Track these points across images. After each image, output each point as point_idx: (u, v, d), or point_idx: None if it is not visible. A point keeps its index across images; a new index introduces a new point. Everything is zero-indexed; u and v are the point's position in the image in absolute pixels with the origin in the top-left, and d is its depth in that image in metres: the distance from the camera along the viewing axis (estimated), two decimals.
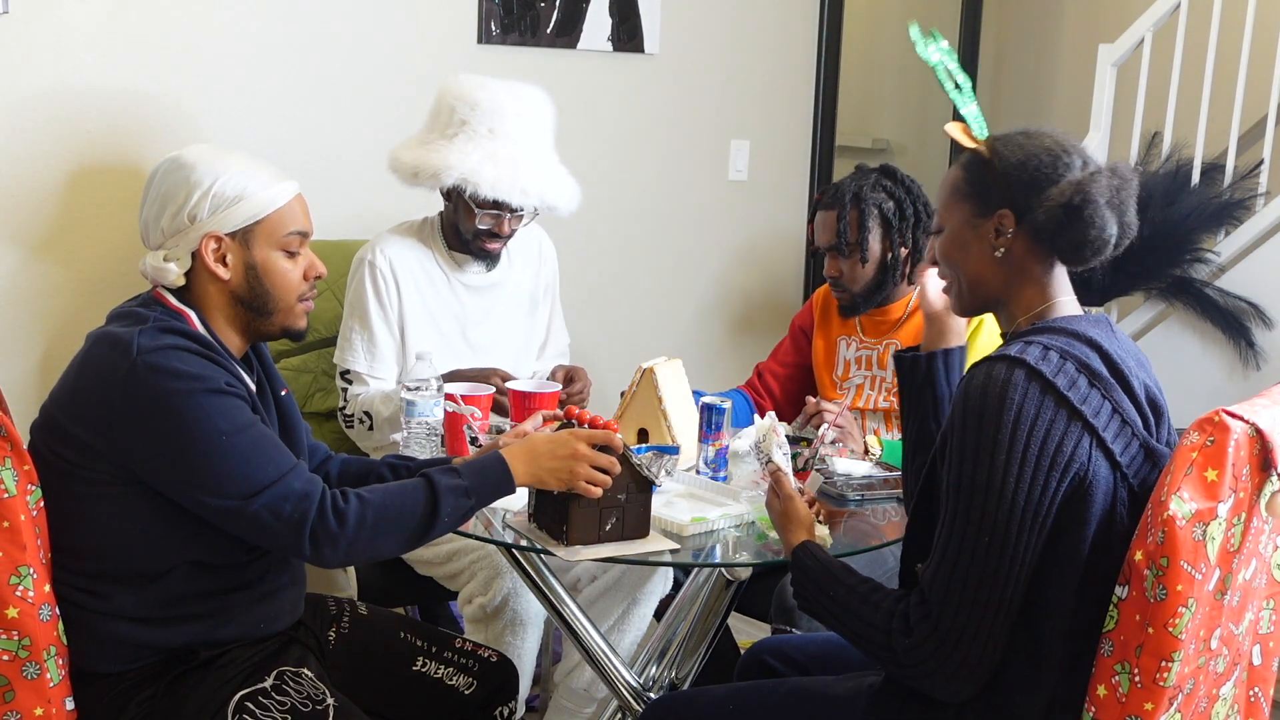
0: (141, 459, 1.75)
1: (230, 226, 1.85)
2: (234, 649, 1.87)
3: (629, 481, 1.98)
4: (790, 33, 3.99)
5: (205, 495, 1.74)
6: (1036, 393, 1.57)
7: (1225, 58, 3.86)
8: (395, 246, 2.71)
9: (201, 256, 1.85)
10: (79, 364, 1.82)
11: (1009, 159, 1.72)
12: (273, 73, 3.01)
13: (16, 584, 1.69)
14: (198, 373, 1.74)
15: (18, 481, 1.68)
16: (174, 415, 1.72)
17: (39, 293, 2.75)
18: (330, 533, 1.75)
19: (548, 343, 2.95)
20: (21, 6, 2.64)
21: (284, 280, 1.89)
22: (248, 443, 1.75)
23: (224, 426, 1.74)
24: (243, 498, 1.73)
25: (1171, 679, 1.51)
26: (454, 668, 2.11)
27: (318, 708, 1.84)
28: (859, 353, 2.77)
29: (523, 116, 2.65)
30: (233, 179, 1.85)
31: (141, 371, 1.72)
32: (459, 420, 2.29)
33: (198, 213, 1.83)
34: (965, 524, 1.58)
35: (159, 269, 1.85)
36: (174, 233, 1.85)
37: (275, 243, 1.88)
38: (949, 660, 1.59)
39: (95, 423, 1.76)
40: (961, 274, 1.78)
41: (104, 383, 1.75)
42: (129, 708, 1.81)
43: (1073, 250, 1.69)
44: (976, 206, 1.74)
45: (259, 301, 1.89)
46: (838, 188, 2.69)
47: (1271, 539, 1.65)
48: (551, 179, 2.67)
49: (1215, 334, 3.79)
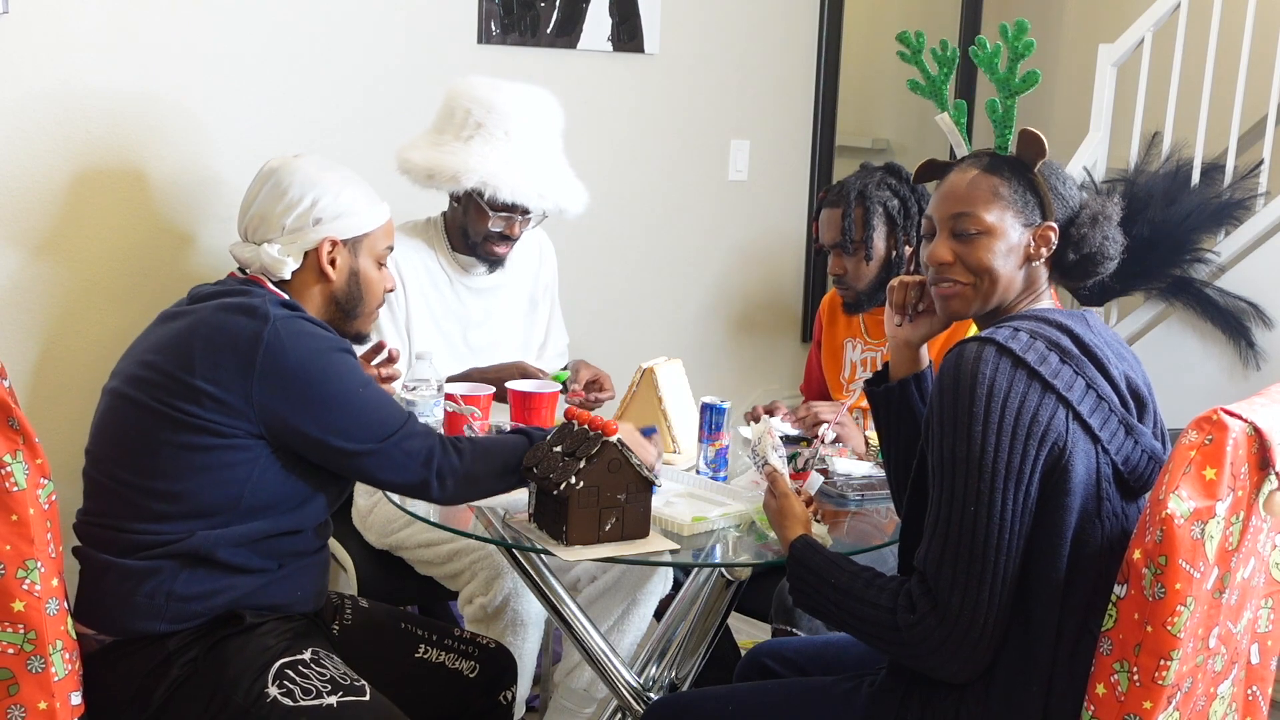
0: (284, 414, 1.89)
1: (347, 233, 2.06)
2: (270, 620, 1.95)
3: (629, 481, 1.98)
4: (790, 33, 4.00)
5: (345, 441, 1.91)
6: (1008, 367, 1.61)
7: (1225, 58, 3.86)
8: (401, 247, 2.70)
9: (317, 255, 2.04)
10: (206, 328, 1.90)
11: (1047, 171, 1.78)
12: (272, 72, 3.01)
13: (24, 577, 1.69)
14: (328, 334, 1.95)
15: (29, 475, 1.69)
16: (316, 372, 1.90)
17: (39, 292, 2.75)
18: (452, 465, 1.96)
19: (547, 343, 2.95)
20: (21, 6, 2.64)
21: (375, 289, 2.12)
22: (377, 393, 1.96)
23: (360, 379, 1.94)
24: (379, 440, 1.92)
25: (1170, 677, 1.51)
26: (456, 653, 2.18)
27: (354, 684, 1.92)
28: (864, 354, 2.78)
29: (536, 120, 2.65)
30: (353, 192, 2.07)
31: (283, 333, 1.89)
32: (459, 420, 2.29)
33: (323, 215, 2.03)
34: (951, 498, 1.62)
35: (275, 261, 2.02)
36: (295, 229, 2.03)
37: (375, 254, 2.11)
38: (951, 635, 1.60)
39: (232, 382, 1.87)
40: (995, 278, 1.78)
41: (243, 344, 1.88)
42: (172, 670, 1.88)
43: (1079, 268, 1.79)
44: (1027, 215, 1.78)
45: (352, 304, 2.10)
46: (842, 186, 2.69)
47: (1270, 537, 1.65)
48: (564, 182, 2.67)
49: (1215, 334, 3.79)
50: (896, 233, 2.65)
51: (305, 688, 1.88)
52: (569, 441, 2.02)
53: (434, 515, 2.17)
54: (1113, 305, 3.98)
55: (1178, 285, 3.80)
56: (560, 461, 1.98)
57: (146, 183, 2.83)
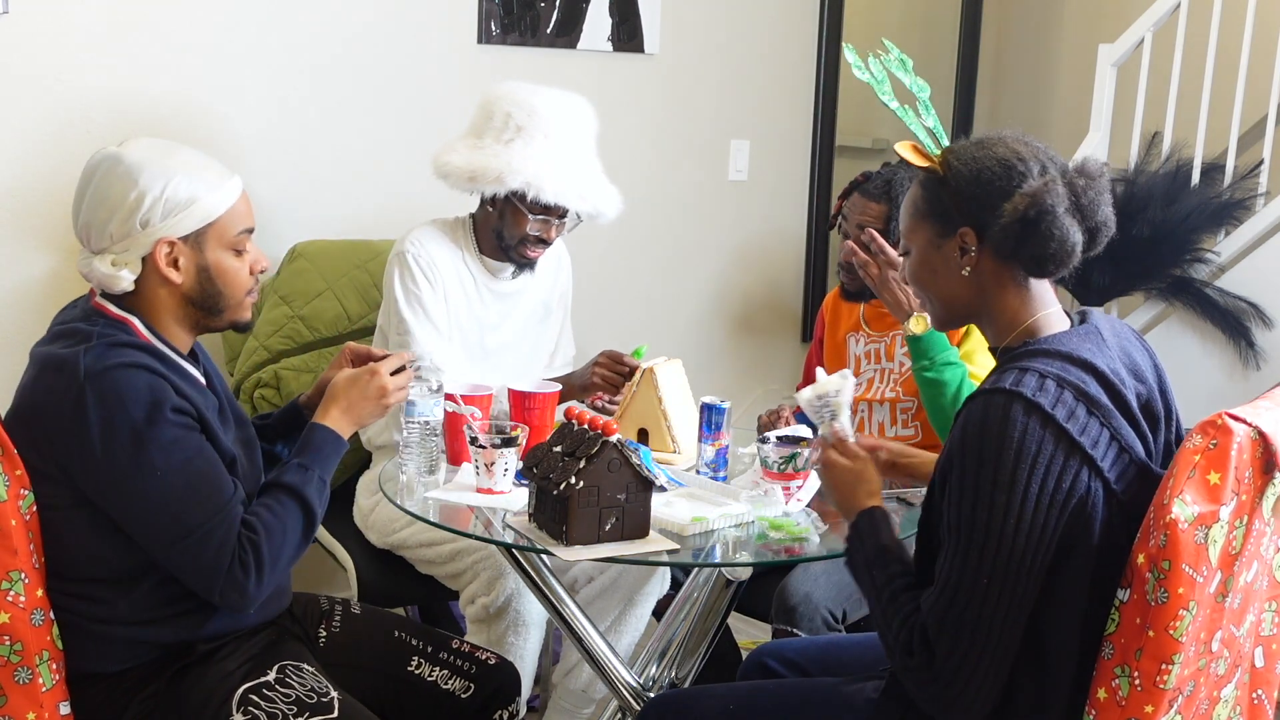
0: (83, 483, 1.74)
1: (183, 230, 1.82)
2: (229, 641, 1.87)
3: (629, 481, 1.98)
4: (790, 33, 3.99)
5: (132, 528, 1.76)
6: (1037, 427, 1.53)
7: (1225, 58, 3.86)
8: (433, 244, 2.68)
9: (154, 261, 1.81)
10: (28, 389, 1.79)
11: (963, 174, 1.67)
12: (272, 72, 3.01)
13: (8, 589, 1.68)
14: (145, 398, 1.73)
15: (9, 486, 1.68)
16: (115, 450, 1.71)
17: (39, 292, 2.75)
18: (237, 582, 1.77)
19: (556, 351, 2.94)
20: (21, 6, 2.64)
21: (235, 279, 1.88)
22: (180, 480, 1.75)
23: (159, 464, 1.73)
24: (164, 541, 1.75)
25: (1171, 681, 1.50)
26: (450, 670, 2.09)
27: (322, 700, 1.84)
28: (867, 347, 2.79)
29: (574, 124, 2.65)
30: (183, 181, 1.81)
31: (88, 398, 1.71)
32: (459, 420, 2.29)
33: (150, 218, 1.79)
34: (964, 564, 1.55)
35: (110, 276, 1.81)
36: (124, 237, 1.80)
37: (226, 243, 1.86)
38: (944, 693, 1.57)
39: (44, 448, 1.75)
40: (933, 296, 1.75)
41: (51, 409, 1.73)
42: (131, 706, 1.81)
43: (1036, 263, 1.66)
44: (938, 226, 1.70)
45: (210, 301, 1.87)
46: (889, 183, 2.68)
47: (1273, 541, 1.65)
48: (601, 186, 2.68)
49: (1215, 334, 3.79)
50: None
51: (270, 712, 1.80)
52: (569, 441, 2.01)
53: (435, 515, 2.17)
54: (1113, 305, 3.97)
55: (1178, 285, 3.80)
56: (560, 461, 1.98)
57: None
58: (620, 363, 2.61)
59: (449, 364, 2.61)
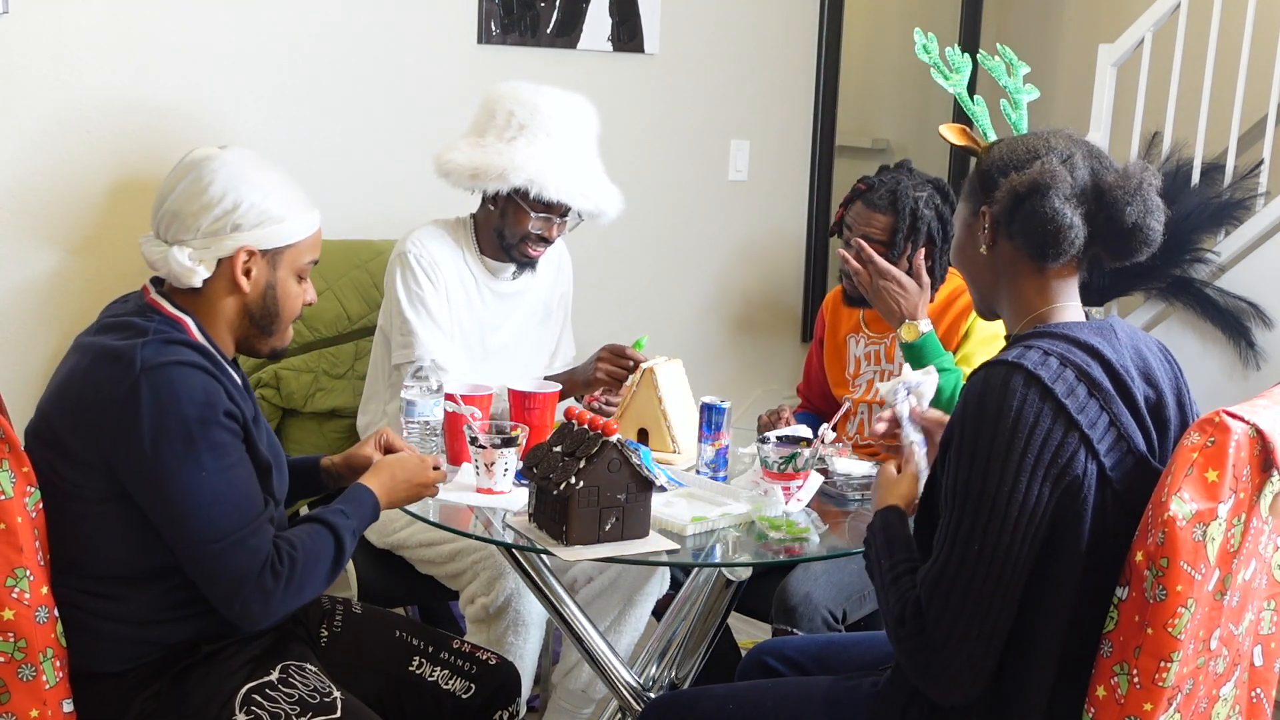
0: (125, 475, 1.74)
1: (267, 244, 1.85)
2: (233, 641, 1.88)
3: (629, 481, 1.98)
4: (790, 33, 4.00)
5: (166, 527, 1.75)
6: (1035, 399, 1.54)
7: (1225, 58, 3.86)
8: (434, 244, 2.68)
9: (231, 266, 1.84)
10: (78, 377, 1.78)
11: (994, 155, 1.73)
12: (272, 72, 3.01)
13: (12, 586, 1.68)
14: (201, 399, 1.74)
15: (15, 484, 1.68)
16: (164, 444, 1.71)
17: (39, 292, 2.75)
18: (264, 589, 1.76)
19: (557, 352, 2.94)
20: (21, 6, 2.64)
21: (292, 303, 1.92)
22: (220, 485, 1.74)
23: (207, 465, 1.73)
24: (198, 542, 1.74)
25: (1170, 679, 1.51)
26: (450, 670, 2.10)
27: (325, 700, 1.85)
28: (867, 348, 2.79)
29: (577, 123, 2.66)
30: (280, 198, 1.86)
31: (143, 390, 1.71)
32: (459, 420, 2.29)
33: (243, 223, 1.83)
34: (957, 531, 1.57)
35: (186, 270, 1.82)
36: (211, 235, 1.83)
37: (296, 267, 1.91)
38: (934, 662, 1.58)
39: (90, 437, 1.74)
40: (966, 277, 1.81)
41: (103, 399, 1.73)
42: (133, 705, 1.81)
43: (1032, 245, 1.66)
44: (970, 205, 1.76)
45: (266, 319, 1.90)
46: (895, 193, 2.62)
47: (1271, 539, 1.65)
48: (603, 185, 2.68)
49: (1215, 334, 3.79)
50: (934, 252, 2.65)
51: (273, 712, 1.81)
52: (569, 441, 2.01)
53: (434, 515, 2.17)
54: (1113, 305, 3.97)
55: (1178, 285, 3.80)
56: (560, 461, 1.98)
57: (146, 183, 2.83)
58: (623, 356, 2.61)
59: (452, 364, 2.62)
